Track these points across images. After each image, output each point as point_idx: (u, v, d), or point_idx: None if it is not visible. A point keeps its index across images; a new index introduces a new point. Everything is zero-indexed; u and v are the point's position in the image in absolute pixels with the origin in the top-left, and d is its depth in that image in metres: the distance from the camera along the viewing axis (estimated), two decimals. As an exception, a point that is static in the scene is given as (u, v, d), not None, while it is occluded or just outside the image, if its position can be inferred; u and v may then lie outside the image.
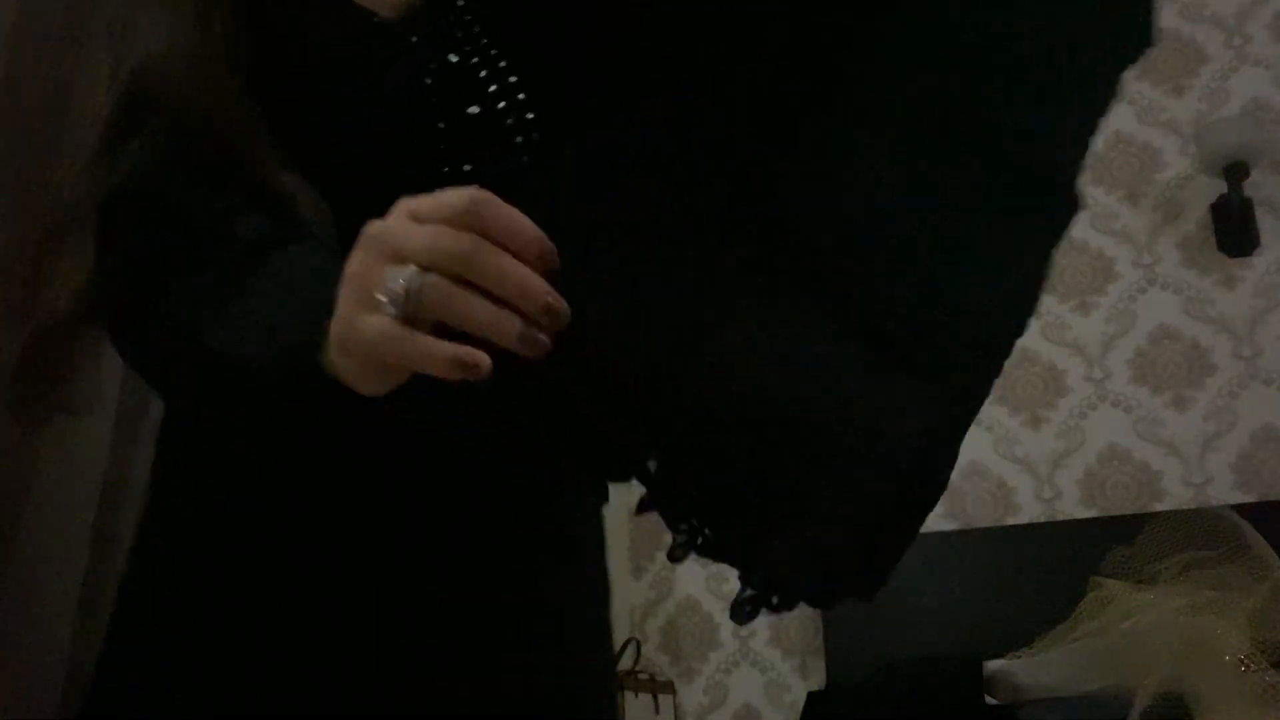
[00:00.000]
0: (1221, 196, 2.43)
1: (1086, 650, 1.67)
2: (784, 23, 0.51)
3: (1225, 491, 2.28)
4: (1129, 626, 1.65)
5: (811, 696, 2.00)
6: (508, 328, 0.43)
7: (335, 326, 0.47)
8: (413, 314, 0.43)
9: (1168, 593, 1.70)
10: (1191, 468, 2.35)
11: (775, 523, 0.50)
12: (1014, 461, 2.53)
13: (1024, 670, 1.72)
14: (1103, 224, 2.62)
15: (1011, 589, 2.30)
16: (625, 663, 2.65)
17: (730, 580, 2.52)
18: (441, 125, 0.60)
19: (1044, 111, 0.54)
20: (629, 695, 2.62)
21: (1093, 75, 0.57)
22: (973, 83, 0.52)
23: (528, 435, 0.52)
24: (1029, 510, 2.48)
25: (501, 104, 0.61)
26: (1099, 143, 2.89)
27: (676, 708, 2.70)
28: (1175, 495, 2.33)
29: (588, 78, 0.57)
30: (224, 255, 0.54)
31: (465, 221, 0.44)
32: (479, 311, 0.43)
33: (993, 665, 1.79)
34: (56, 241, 0.58)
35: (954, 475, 2.09)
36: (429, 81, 0.60)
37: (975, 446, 2.57)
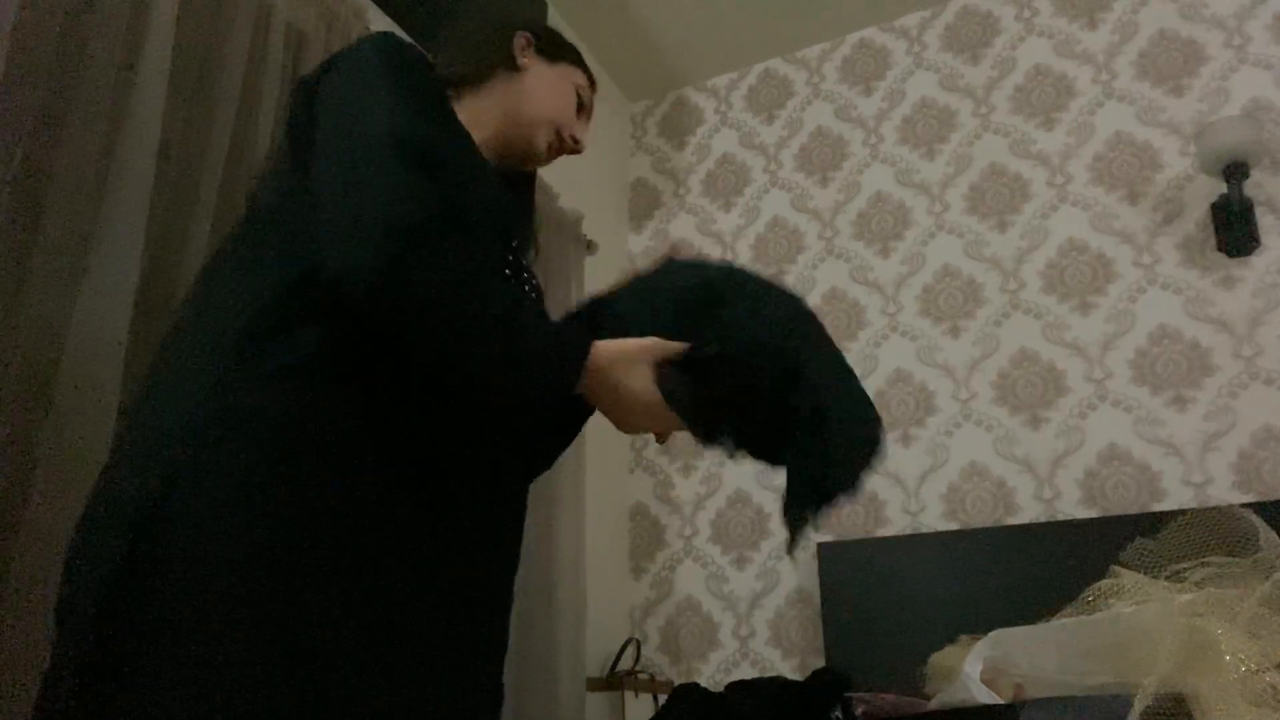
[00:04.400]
0: (1221, 196, 2.43)
1: (1087, 641, 1.66)
2: None
3: (1225, 491, 2.28)
4: (1130, 613, 1.65)
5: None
6: None
7: (638, 393, 0.95)
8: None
9: (1170, 589, 1.70)
10: (1191, 468, 2.35)
11: None
12: (1014, 461, 2.53)
13: (1024, 653, 1.71)
14: (1103, 224, 2.62)
15: (1011, 589, 2.30)
16: (625, 663, 2.65)
17: (730, 580, 2.53)
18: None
19: None
20: (629, 695, 2.61)
21: None
22: None
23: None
24: (1029, 510, 2.48)
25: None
26: (1099, 142, 2.92)
27: (676, 708, 2.70)
28: (1175, 495, 2.33)
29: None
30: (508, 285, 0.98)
31: None
32: None
33: (995, 634, 1.78)
34: None
35: (954, 475, 2.11)
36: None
37: (975, 446, 2.57)
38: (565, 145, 1.19)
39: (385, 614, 0.82)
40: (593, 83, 1.24)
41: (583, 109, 1.22)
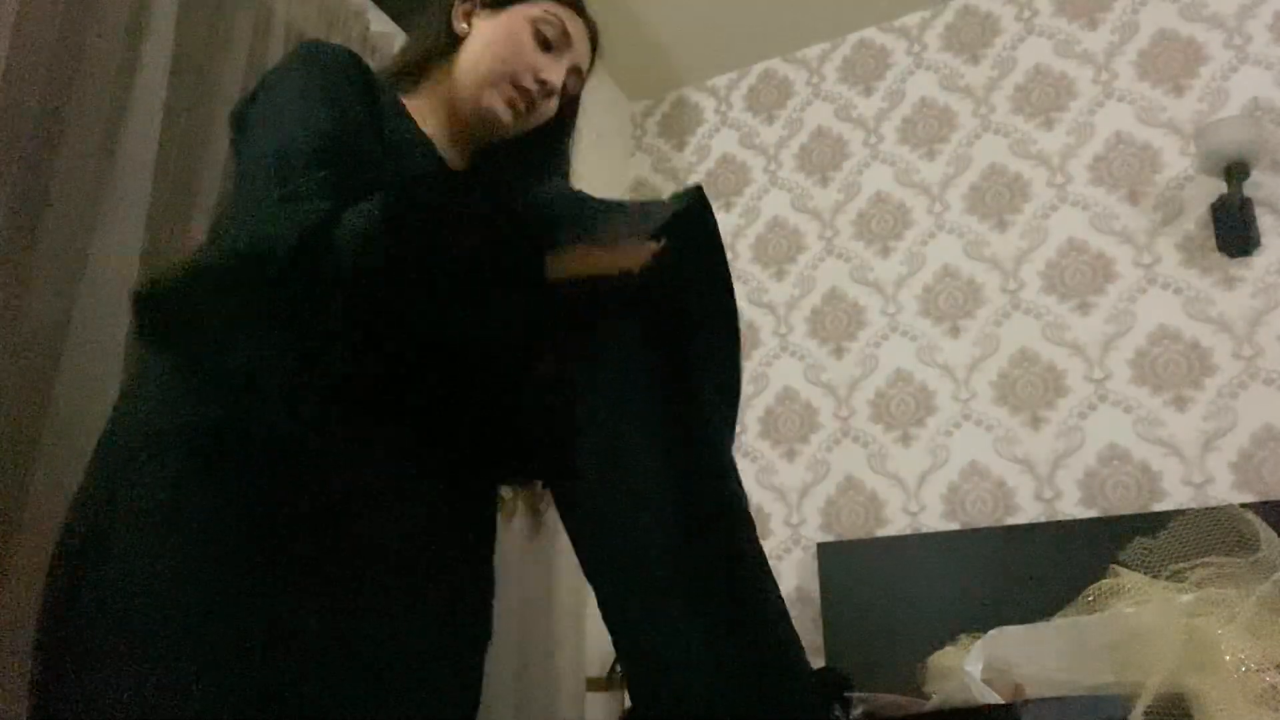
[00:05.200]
0: (1221, 196, 2.43)
1: (1087, 641, 1.66)
2: None
3: (1225, 491, 2.28)
4: (1131, 613, 1.65)
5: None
6: None
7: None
8: None
9: (1171, 589, 1.70)
10: (1191, 468, 2.34)
11: None
12: (1014, 461, 2.53)
13: (1024, 653, 1.71)
14: (1103, 224, 2.62)
15: (1011, 589, 2.30)
16: (625, 663, 2.64)
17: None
18: None
19: None
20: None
21: None
22: None
23: None
24: (1029, 510, 2.48)
25: None
26: (1099, 142, 2.92)
27: (676, 708, 2.69)
28: (1175, 495, 2.33)
29: None
30: None
31: None
32: None
33: (995, 634, 1.78)
34: None
35: (954, 475, 2.11)
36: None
37: (975, 446, 2.57)
38: (532, 92, 1.04)
39: (333, 625, 0.77)
40: (572, 4, 1.07)
41: (550, 43, 1.05)
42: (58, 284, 1.31)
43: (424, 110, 1.04)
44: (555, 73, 1.05)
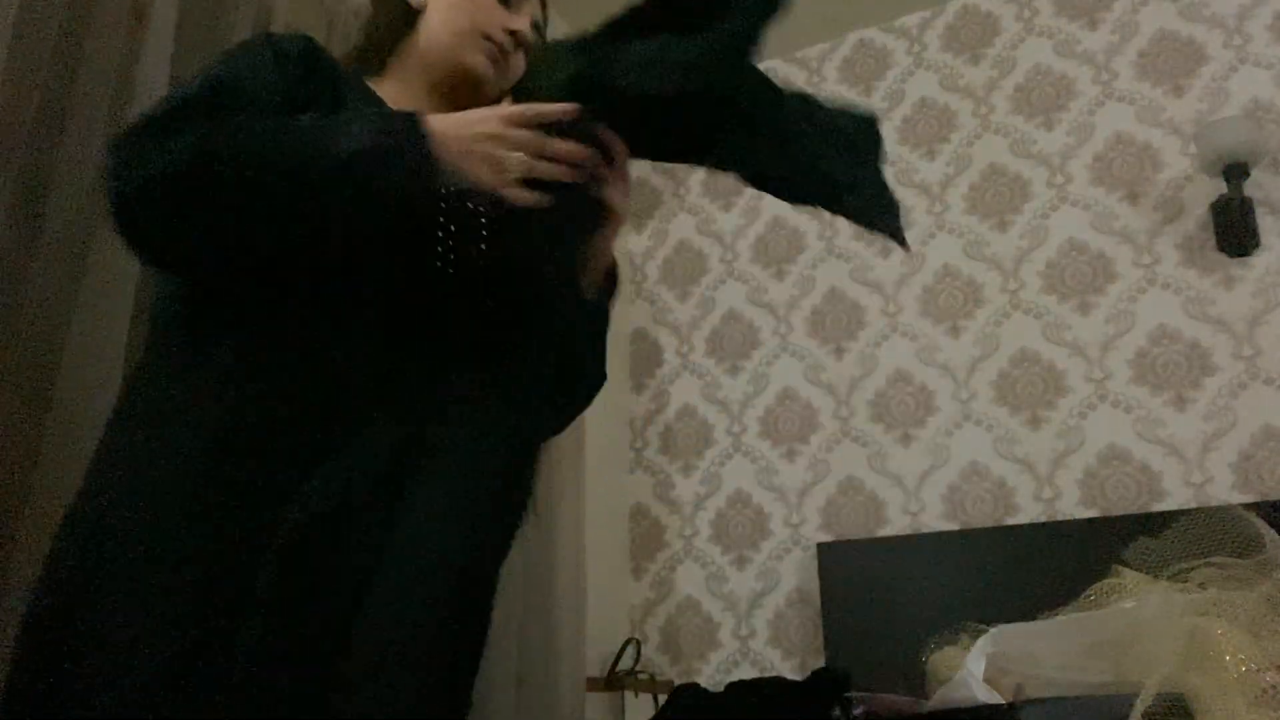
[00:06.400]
0: (1221, 196, 2.43)
1: (1088, 637, 1.66)
2: None
3: (1225, 491, 2.28)
4: (1132, 608, 1.65)
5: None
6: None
7: (480, 147, 0.87)
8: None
9: (1173, 589, 1.70)
10: (1191, 468, 2.34)
11: None
12: (1014, 461, 2.53)
13: (1025, 650, 1.72)
14: (1103, 224, 2.62)
15: (1011, 589, 2.30)
16: (625, 663, 2.65)
17: (730, 580, 2.52)
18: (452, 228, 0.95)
19: None
20: (629, 695, 2.61)
21: None
22: None
23: None
24: (1029, 510, 2.48)
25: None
26: (1099, 142, 2.91)
27: (676, 708, 2.69)
28: (1175, 495, 2.33)
29: None
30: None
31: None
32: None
33: (996, 631, 1.78)
34: None
35: (954, 475, 2.11)
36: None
37: (975, 446, 2.57)
38: (505, 44, 1.07)
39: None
40: None
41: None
42: (58, 284, 1.31)
43: (393, 91, 1.05)
44: (522, 23, 1.09)
